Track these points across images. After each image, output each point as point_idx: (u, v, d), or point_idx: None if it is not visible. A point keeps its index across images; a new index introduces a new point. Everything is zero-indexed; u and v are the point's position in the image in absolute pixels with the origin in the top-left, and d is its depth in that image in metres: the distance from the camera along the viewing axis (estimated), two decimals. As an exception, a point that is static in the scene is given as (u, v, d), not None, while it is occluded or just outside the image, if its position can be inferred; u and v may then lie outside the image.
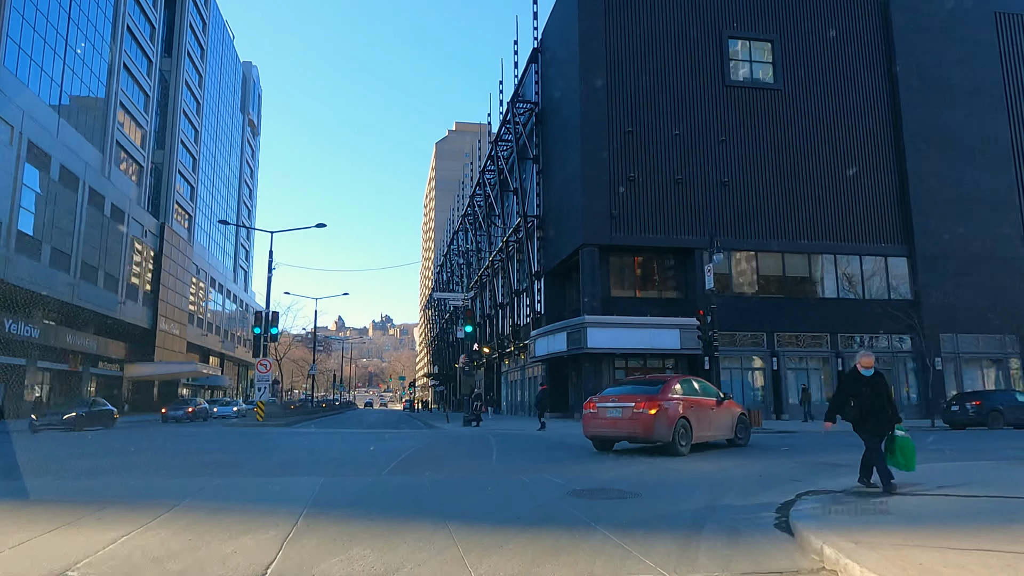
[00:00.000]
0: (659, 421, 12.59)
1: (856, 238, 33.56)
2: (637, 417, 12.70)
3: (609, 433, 13.37)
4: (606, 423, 13.28)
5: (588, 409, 13.75)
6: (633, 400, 12.95)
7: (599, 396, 14.10)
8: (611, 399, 13.48)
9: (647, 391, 13.30)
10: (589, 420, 13.66)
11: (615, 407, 13.17)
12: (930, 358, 32.72)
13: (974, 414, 22.66)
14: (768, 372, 31.69)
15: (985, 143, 35.34)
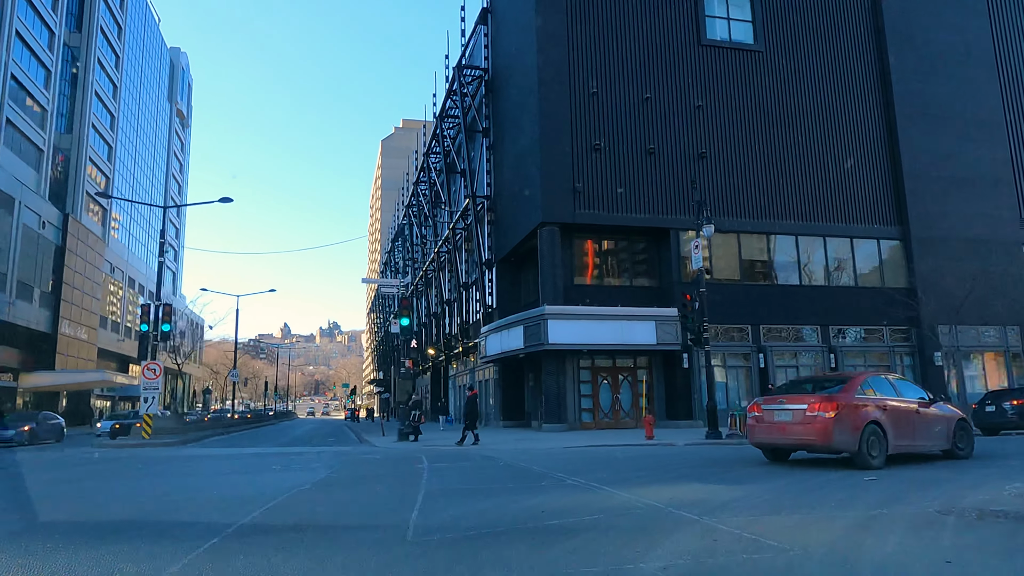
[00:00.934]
0: (840, 426, 10.46)
1: (847, 219, 29.93)
2: (811, 421, 10.64)
3: (778, 441, 11.42)
4: (774, 429, 11.36)
5: (752, 413, 12.00)
6: (806, 401, 10.89)
7: (764, 397, 12.15)
8: (779, 400, 11.50)
9: (825, 390, 11.30)
10: (754, 426, 11.83)
11: (784, 410, 11.23)
12: (929, 352, 29.26)
13: (1015, 415, 18.90)
14: (754, 370, 27.66)
15: (978, 116, 32.28)
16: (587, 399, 27.11)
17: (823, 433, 10.44)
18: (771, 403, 11.57)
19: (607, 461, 12.92)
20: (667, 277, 27.63)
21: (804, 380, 13.80)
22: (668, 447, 17.90)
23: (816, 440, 10.60)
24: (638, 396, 27.37)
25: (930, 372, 29.11)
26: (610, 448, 17.31)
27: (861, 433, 10.50)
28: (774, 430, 11.34)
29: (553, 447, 17.92)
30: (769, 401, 11.69)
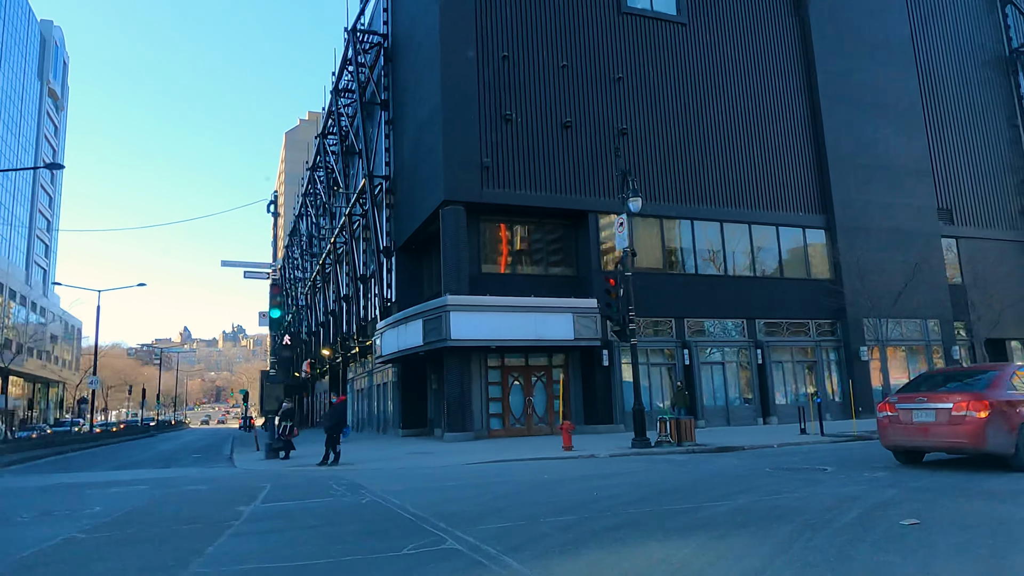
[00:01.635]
0: (994, 427, 9.42)
1: (772, 206, 28.11)
2: (960, 422, 9.62)
3: (919, 443, 10.43)
4: (913, 431, 10.33)
5: (884, 412, 10.89)
6: (950, 400, 9.88)
7: (898, 395, 10.97)
8: (918, 398, 10.39)
9: (969, 386, 10.15)
10: (888, 426, 10.79)
11: (925, 409, 10.20)
12: (855, 346, 27.83)
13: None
14: (678, 367, 25.24)
15: (898, 105, 31.34)
16: (496, 403, 23.90)
17: (975, 436, 9.43)
18: (908, 402, 10.46)
19: (515, 491, 9.67)
20: (585, 265, 24.81)
21: (936, 373, 12.21)
22: (590, 460, 14.88)
23: (967, 443, 9.61)
24: (554, 398, 24.40)
25: (856, 367, 27.65)
26: (522, 464, 14.11)
27: (1019, 433, 9.47)
28: (914, 432, 10.28)
29: (450, 464, 14.54)
30: (905, 400, 10.55)
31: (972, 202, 32.57)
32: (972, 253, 31.62)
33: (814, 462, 11.50)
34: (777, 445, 17.38)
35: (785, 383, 27.17)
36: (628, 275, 17.67)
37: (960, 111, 33.29)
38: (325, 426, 15.74)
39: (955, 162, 32.55)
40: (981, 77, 34.29)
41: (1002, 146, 33.98)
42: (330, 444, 15.42)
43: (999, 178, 33.48)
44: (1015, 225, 33.30)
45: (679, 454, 16.15)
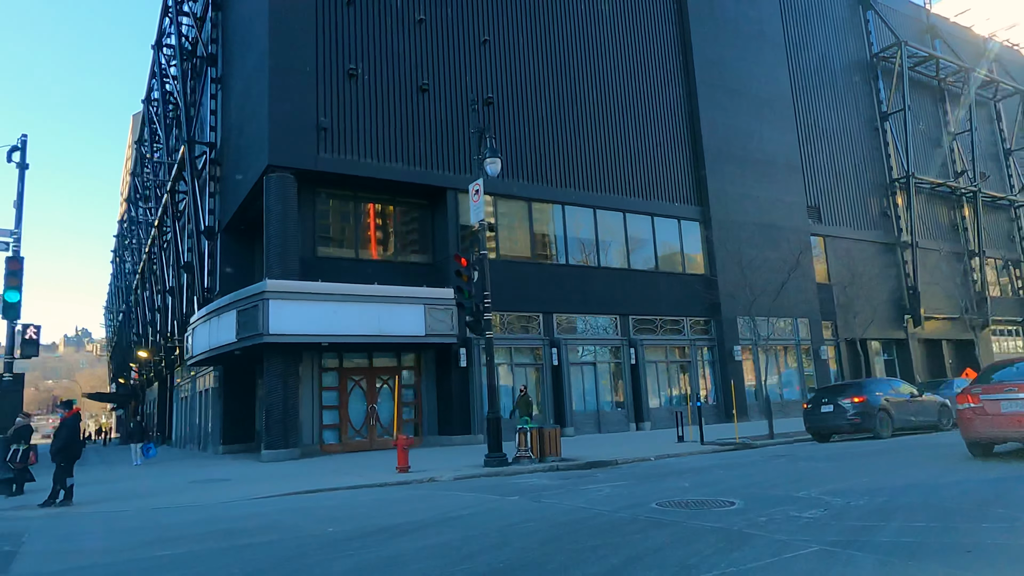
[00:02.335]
0: None
1: (647, 194, 26.10)
2: None
3: (1011, 434, 9.86)
4: (1005, 421, 9.81)
5: (967, 404, 10.35)
6: None
7: (982, 387, 10.37)
8: (1006, 389, 9.91)
9: None
10: (972, 419, 10.25)
11: (1016, 399, 9.66)
12: (729, 345, 26.34)
13: (856, 416, 15.27)
14: (546, 368, 22.45)
15: (772, 97, 30.52)
16: (332, 412, 20.00)
17: None
18: (994, 392, 10.19)
19: (265, 566, 6.06)
20: (443, 251, 21.45)
21: (1006, 364, 11.39)
22: (426, 486, 11.51)
23: None
24: (403, 406, 20.83)
25: (730, 367, 26.16)
26: (331, 498, 10.50)
27: None
28: (1006, 422, 9.97)
29: (236, 499, 10.70)
30: (991, 390, 10.26)
31: (838, 202, 32.44)
32: (838, 253, 31.36)
33: (711, 490, 8.79)
34: (654, 457, 14.80)
35: (659, 385, 25.15)
36: (484, 254, 14.49)
37: (827, 111, 33.16)
38: (51, 451, 11.27)
39: (822, 161, 32.29)
40: (846, 80, 34.45)
41: (865, 149, 34.25)
42: (59, 477, 10.99)
43: (862, 180, 33.67)
44: (877, 226, 33.58)
45: (541, 472, 13.13)
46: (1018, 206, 40.34)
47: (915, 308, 33.21)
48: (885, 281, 32.86)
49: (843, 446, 14.86)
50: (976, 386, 10.61)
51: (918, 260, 33.66)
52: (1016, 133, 41.68)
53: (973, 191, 37.08)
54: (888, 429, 15.57)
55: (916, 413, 16.49)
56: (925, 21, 39.21)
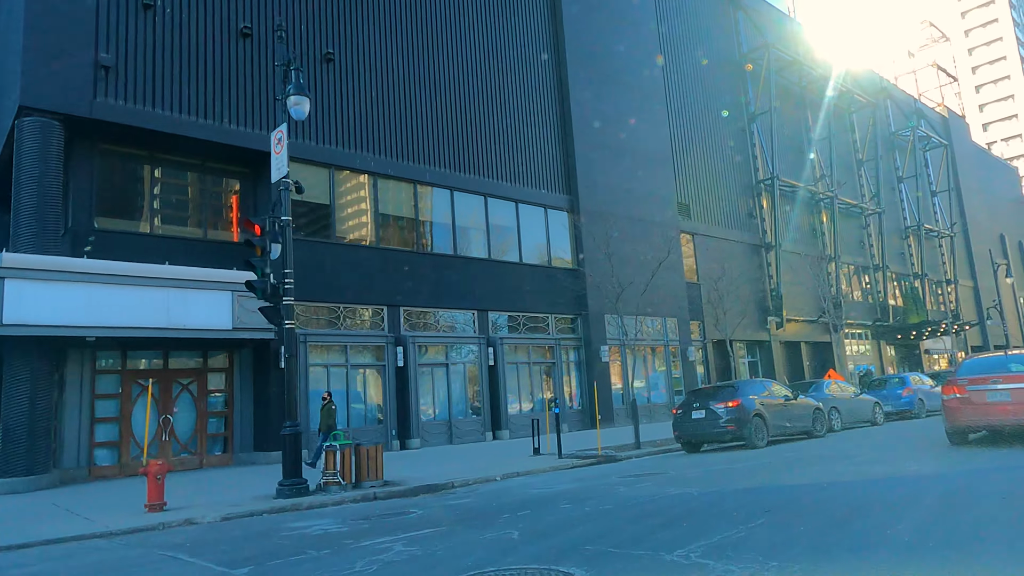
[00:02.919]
0: None
1: (513, 178, 23.69)
2: None
3: (995, 422, 10.88)
4: (990, 410, 10.82)
5: (954, 395, 11.30)
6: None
7: (967, 378, 11.36)
8: (991, 380, 10.93)
9: None
10: (958, 408, 11.23)
11: (1000, 390, 10.73)
12: (596, 345, 24.44)
13: (730, 422, 13.38)
14: (389, 370, 19.31)
15: (644, 86, 29.18)
16: (110, 426, 15.83)
17: None
18: (980, 383, 11.04)
19: None
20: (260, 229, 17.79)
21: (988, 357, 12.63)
22: (177, 532, 8.13)
23: None
24: (207, 416, 17.00)
25: (596, 368, 24.26)
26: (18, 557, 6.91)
27: None
28: (990, 412, 10.87)
29: None
30: (976, 381, 11.10)
31: (707, 200, 31.69)
32: (707, 251, 30.56)
33: (546, 545, 6.14)
34: (500, 477, 12.18)
35: (520, 389, 22.72)
36: (287, 221, 11.28)
37: (698, 107, 32.39)
38: None
39: (693, 158, 31.42)
40: (717, 78, 33.94)
41: (733, 149, 33.85)
42: None
43: (731, 179, 33.21)
44: (744, 227, 33.21)
45: (350, 504, 10.12)
46: (868, 214, 41.92)
47: (778, 310, 33.09)
48: (751, 282, 32.49)
49: (717, 458, 12.92)
50: (962, 378, 11.40)
51: (781, 262, 33.65)
52: (867, 145, 43.47)
53: (831, 197, 37.91)
54: (763, 438, 13.86)
55: (791, 419, 14.97)
56: (789, 28, 39.85)
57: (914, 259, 45.71)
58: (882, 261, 41.55)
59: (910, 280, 44.93)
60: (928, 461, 9.69)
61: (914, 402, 21.54)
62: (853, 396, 19.16)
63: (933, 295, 47.88)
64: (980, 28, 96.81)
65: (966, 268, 52.64)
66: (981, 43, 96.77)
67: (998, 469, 8.68)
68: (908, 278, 44.93)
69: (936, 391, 23.72)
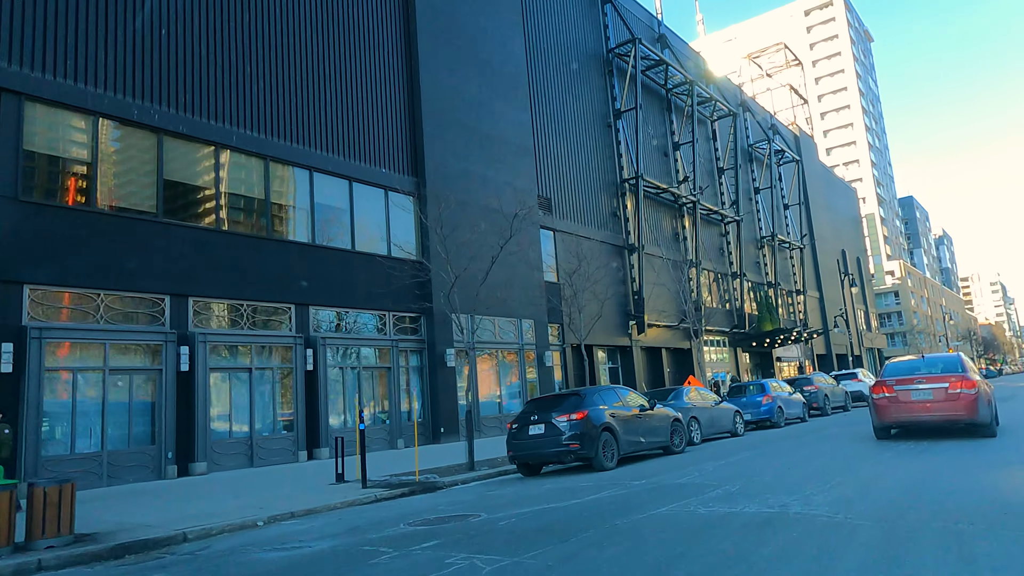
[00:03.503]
0: (981, 402, 11.76)
1: (347, 151, 20.35)
2: (956, 398, 11.77)
3: (920, 418, 12.22)
4: (914, 407, 12.15)
5: (883, 394, 12.53)
6: (945, 380, 12.00)
7: (892, 378, 12.70)
8: (916, 380, 12.30)
9: (952, 370, 12.30)
10: (887, 406, 12.42)
11: (923, 389, 12.14)
12: (442, 348, 21.55)
13: (573, 439, 10.82)
14: (168, 376, 15.31)
15: (506, 67, 26.80)
16: None
17: (970, 408, 11.59)
18: (906, 383, 12.23)
19: None
20: (-14, 186, 13.41)
21: (911, 360, 13.88)
22: None
23: (964, 415, 11.68)
24: None
25: (441, 375, 21.36)
26: None
27: (992, 406, 12.18)
28: (914, 409, 12.07)
29: None
30: (903, 382, 12.28)
31: (570, 196, 29.78)
32: (569, 250, 28.55)
33: None
34: (265, 521, 8.92)
35: (347, 399, 19.33)
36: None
37: (562, 98, 30.51)
38: None
39: (556, 150, 29.43)
40: (583, 71, 32.31)
41: (598, 145, 32.31)
42: None
43: (595, 176, 31.57)
44: (607, 227, 31.65)
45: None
46: (728, 222, 42.13)
47: (640, 314, 31.78)
48: (613, 285, 30.98)
49: (555, 487, 10.29)
50: (890, 379, 12.57)
51: (644, 265, 32.44)
52: (727, 154, 43.84)
53: (693, 201, 37.44)
54: (613, 456, 11.47)
55: (647, 432, 12.73)
56: (657, 30, 39.23)
57: (768, 268, 46.69)
58: (740, 269, 41.82)
59: (764, 289, 45.78)
60: (816, 495, 7.49)
61: (773, 410, 20.34)
62: (714, 404, 17.47)
63: (784, 304, 49.25)
64: (825, 60, 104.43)
65: (813, 279, 54.89)
66: (826, 73, 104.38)
67: (912, 507, 6.57)
68: (763, 287, 45.75)
69: (794, 398, 22.91)
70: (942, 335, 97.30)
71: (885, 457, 10.57)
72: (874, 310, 74.92)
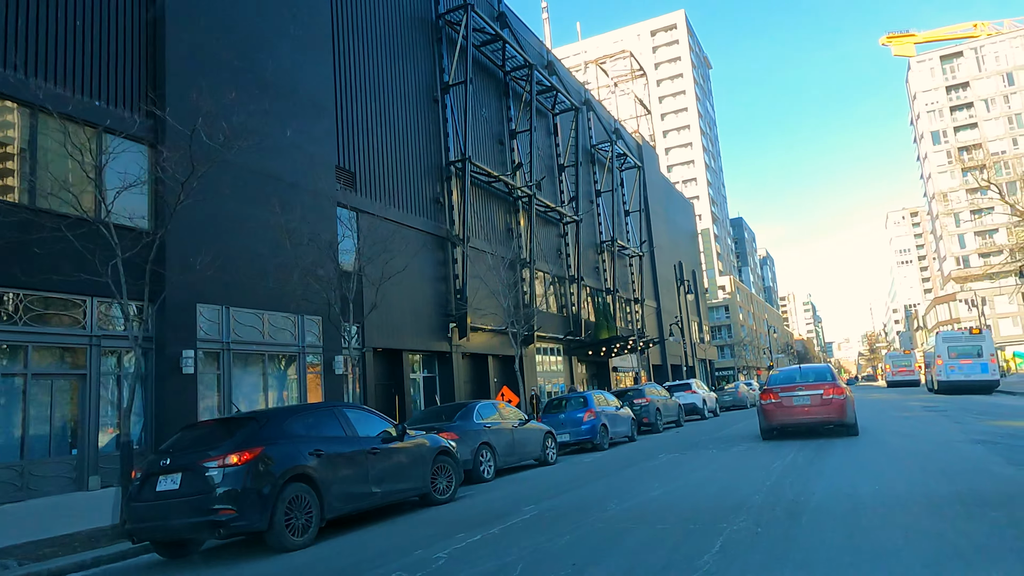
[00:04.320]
0: (848, 405, 13.89)
1: (32, 67, 14.47)
2: (830, 403, 13.76)
3: (800, 420, 14.13)
4: (795, 411, 14.04)
5: (770, 400, 14.43)
6: (820, 387, 13.95)
7: (776, 385, 14.71)
8: (797, 388, 14.21)
9: (826, 378, 14.44)
10: (773, 410, 14.34)
11: (802, 395, 14.02)
12: (175, 350, 16.09)
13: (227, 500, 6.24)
14: None
15: (303, 8, 21.80)
16: None
17: (841, 411, 13.73)
18: (789, 390, 14.22)
19: None
20: None
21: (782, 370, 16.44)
22: None
23: (836, 417, 13.81)
24: None
25: (173, 385, 15.88)
26: None
27: (854, 410, 14.33)
28: (796, 412, 14.05)
29: None
30: (787, 389, 14.27)
31: (382, 173, 25.20)
32: (376, 236, 23.82)
33: None
34: None
35: (11, 417, 13.40)
36: None
37: (379, 58, 25.93)
38: None
39: (366, 117, 24.75)
40: (409, 32, 27.95)
41: (422, 121, 28.05)
42: None
43: (415, 154, 27.22)
44: (427, 214, 27.37)
45: None
46: (567, 222, 39.52)
47: (462, 316, 27.77)
48: (433, 281, 26.83)
49: None
50: (775, 386, 14.62)
51: (469, 261, 28.52)
52: (568, 150, 41.38)
53: (529, 195, 34.25)
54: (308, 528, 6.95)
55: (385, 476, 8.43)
56: (496, 7, 35.80)
57: (607, 275, 44.76)
58: (578, 273, 39.27)
59: (603, 295, 43.74)
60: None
61: (596, 429, 16.91)
62: (517, 425, 13.57)
63: (623, 312, 47.68)
64: (668, 80, 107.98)
65: (651, 289, 54.16)
66: (669, 93, 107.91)
67: None
68: (601, 293, 43.69)
69: (622, 413, 19.77)
70: (766, 348, 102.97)
71: (738, 528, 6.96)
72: (707, 322, 76.82)
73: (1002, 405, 22.63)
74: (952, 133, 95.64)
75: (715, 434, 19.32)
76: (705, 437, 18.43)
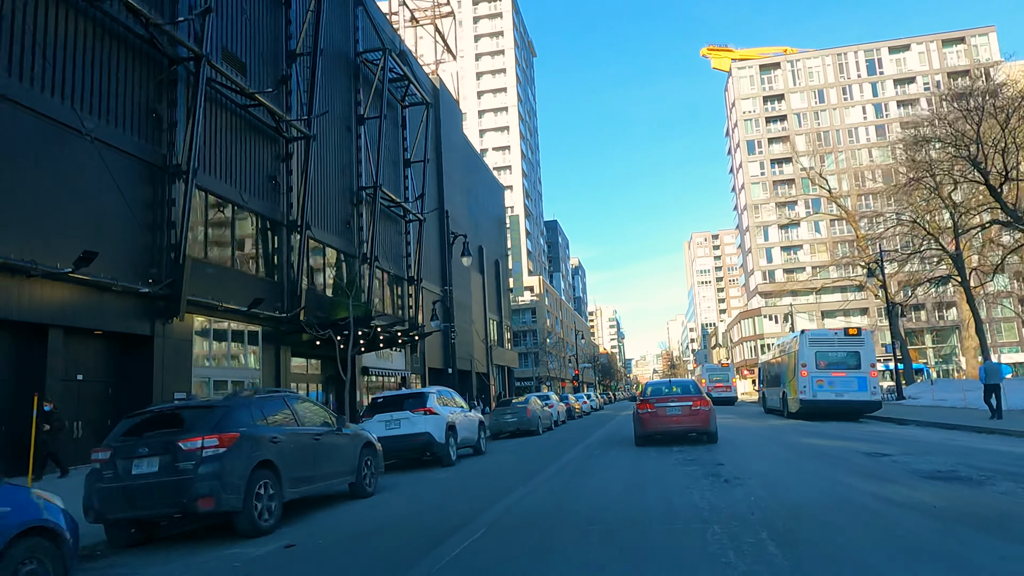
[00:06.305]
0: (712, 416, 15.78)
1: None
2: (696, 413, 15.64)
3: (672, 428, 15.86)
4: (669, 420, 15.75)
5: (646, 409, 15.96)
6: (689, 399, 15.82)
7: (650, 397, 16.28)
8: (670, 400, 15.96)
9: (690, 391, 16.35)
10: (649, 419, 15.91)
11: (675, 405, 15.77)
12: None
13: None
14: None
15: None
16: None
17: (705, 421, 15.67)
18: (663, 401, 15.93)
19: None
20: None
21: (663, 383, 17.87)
22: None
23: (701, 426, 15.70)
24: None
25: None
26: None
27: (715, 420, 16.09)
28: (669, 421, 15.75)
29: None
30: (661, 400, 15.98)
31: None
32: None
33: None
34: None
35: None
36: None
37: None
38: None
39: None
40: None
41: None
42: None
43: None
44: None
45: None
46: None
47: None
48: None
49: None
50: (651, 397, 16.26)
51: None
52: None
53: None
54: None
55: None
56: None
57: (365, 235, 31.33)
58: (302, 218, 25.43)
59: (354, 262, 30.28)
60: None
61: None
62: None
63: (392, 294, 34.58)
64: (488, 56, 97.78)
65: (436, 270, 41.66)
66: (488, 70, 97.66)
67: None
68: (352, 258, 30.20)
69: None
70: (572, 357, 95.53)
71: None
72: (509, 322, 66.24)
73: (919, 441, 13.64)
74: (767, 144, 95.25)
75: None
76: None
